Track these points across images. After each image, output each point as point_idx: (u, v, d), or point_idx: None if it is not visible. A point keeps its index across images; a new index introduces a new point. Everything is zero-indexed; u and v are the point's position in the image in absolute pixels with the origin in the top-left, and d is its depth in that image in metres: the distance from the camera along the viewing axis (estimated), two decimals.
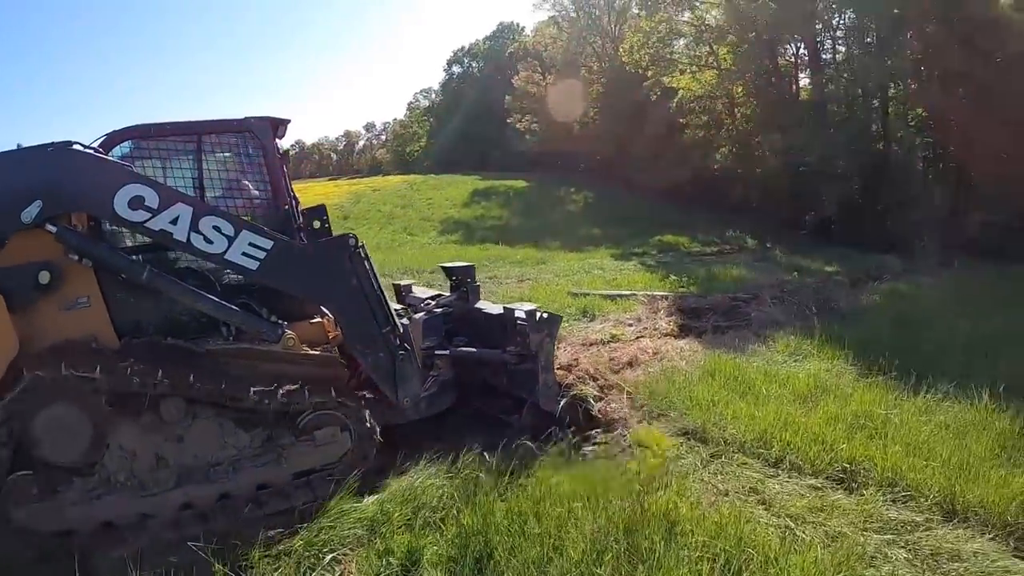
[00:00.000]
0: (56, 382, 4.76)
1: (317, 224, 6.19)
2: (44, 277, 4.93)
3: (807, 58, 33.53)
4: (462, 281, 7.70)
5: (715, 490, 5.55)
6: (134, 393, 4.99)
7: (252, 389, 5.23)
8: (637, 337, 10.40)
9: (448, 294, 7.95)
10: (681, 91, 35.39)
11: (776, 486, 5.58)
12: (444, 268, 8.23)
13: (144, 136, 5.71)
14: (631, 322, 11.48)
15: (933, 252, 21.97)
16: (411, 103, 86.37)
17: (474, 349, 7.08)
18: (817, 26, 31.83)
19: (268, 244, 5.29)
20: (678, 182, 36.58)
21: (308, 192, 46.11)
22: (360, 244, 5.75)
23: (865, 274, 18.10)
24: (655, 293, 14.10)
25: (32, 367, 4.73)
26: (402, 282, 9.07)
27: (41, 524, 4.82)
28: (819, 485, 5.59)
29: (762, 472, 5.86)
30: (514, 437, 6.27)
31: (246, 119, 5.96)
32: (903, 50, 27.72)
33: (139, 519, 5.08)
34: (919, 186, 28.59)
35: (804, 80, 34.67)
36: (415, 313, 7.40)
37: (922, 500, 5.21)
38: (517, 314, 6.78)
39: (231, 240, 5.21)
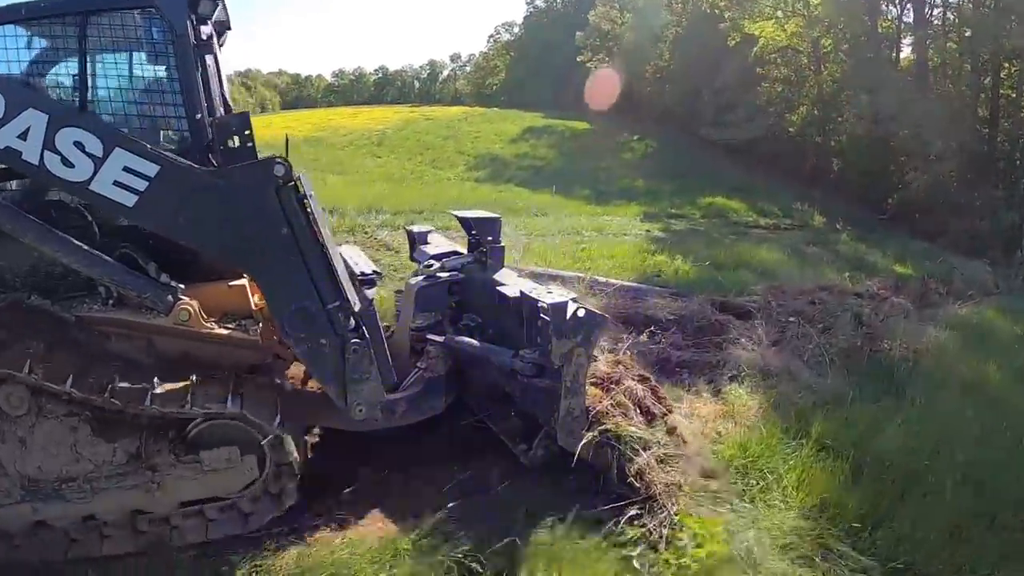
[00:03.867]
0: None
1: (235, 142, 4.29)
2: None
3: (912, 19, 28.19)
4: (481, 239, 5.78)
5: None
6: None
7: (112, 382, 3.87)
8: None
9: (463, 253, 6.09)
10: (762, 39, 30.62)
11: None
12: (459, 218, 6.18)
13: (14, 19, 4.27)
14: None
15: None
16: (493, 36, 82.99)
17: (477, 342, 5.29)
18: None
19: (152, 169, 3.86)
20: (748, 141, 31.78)
21: (359, 116, 45.20)
22: (294, 175, 4.05)
23: (943, 286, 12.73)
24: (612, 281, 9.63)
25: None
26: (416, 227, 6.94)
27: None
28: None
29: None
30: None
31: None
32: None
33: None
34: None
35: (906, 50, 29.28)
36: (417, 276, 5.83)
37: None
38: (540, 304, 4.70)
39: (99, 162, 3.82)
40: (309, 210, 4.16)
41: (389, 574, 3.96)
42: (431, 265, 5.91)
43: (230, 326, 4.53)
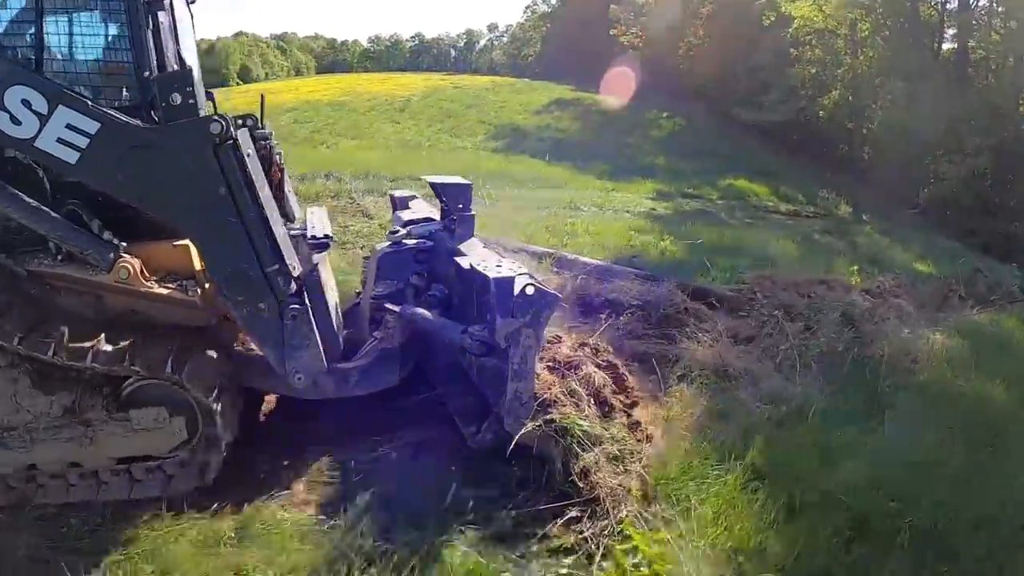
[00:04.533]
0: None
1: (176, 99, 4.02)
2: None
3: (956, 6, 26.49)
4: (451, 206, 5.60)
5: None
6: None
7: (48, 338, 3.93)
8: None
9: (435, 220, 6.07)
10: (798, 19, 29.27)
11: None
12: (431, 184, 5.93)
13: None
14: None
15: None
16: (530, 6, 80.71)
17: (430, 315, 4.90)
18: None
19: (93, 126, 3.82)
20: (779, 124, 30.48)
21: (388, 83, 44.62)
22: (232, 134, 3.94)
23: (965, 289, 11.50)
24: (582, 259, 8.72)
25: None
26: (398, 192, 7.11)
27: None
28: None
29: None
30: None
31: None
32: None
33: None
34: None
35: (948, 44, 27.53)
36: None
37: None
38: (491, 276, 4.28)
39: (43, 120, 3.79)
40: (248, 170, 4.06)
41: (289, 557, 3.77)
42: (397, 232, 5.83)
43: (171, 286, 4.46)
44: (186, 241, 4.57)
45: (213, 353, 4.37)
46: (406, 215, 6.31)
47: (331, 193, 13.34)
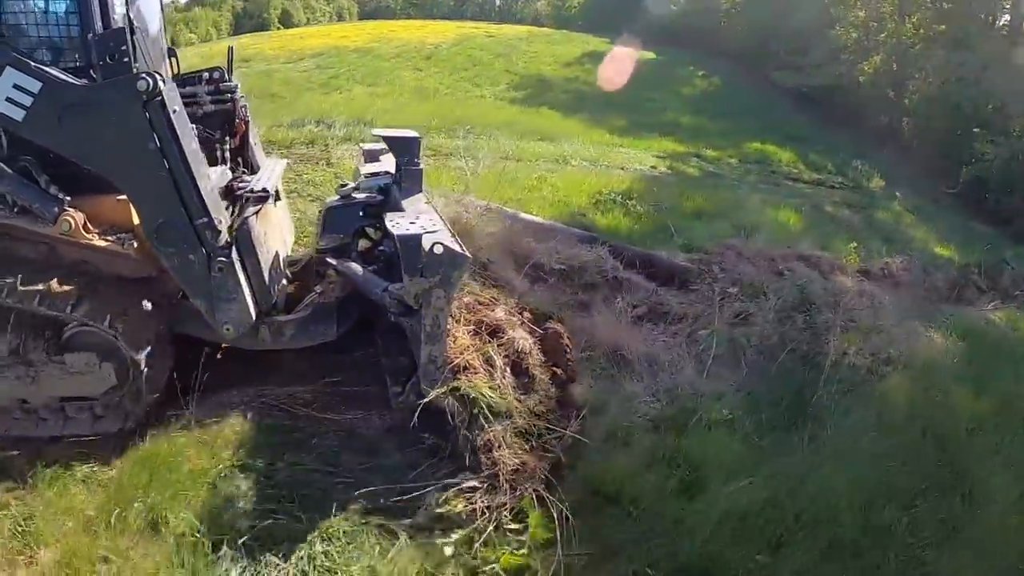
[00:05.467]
0: None
1: (112, 59, 4.23)
2: None
3: None
4: (400, 160, 5.43)
5: None
6: None
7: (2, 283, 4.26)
8: None
9: (389, 174, 5.79)
10: None
11: None
12: (382, 137, 5.77)
13: None
14: None
15: None
16: None
17: (361, 270, 5.01)
18: None
19: (35, 86, 4.14)
20: (816, 88, 28.55)
21: (420, 31, 43.11)
22: (159, 90, 4.14)
23: (988, 278, 9.96)
24: (523, 216, 7.79)
25: None
26: (368, 145, 6.87)
27: None
28: None
29: None
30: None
31: None
32: None
33: None
34: None
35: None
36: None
37: None
38: (396, 233, 4.33)
39: None
40: (176, 125, 4.23)
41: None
42: (346, 185, 5.87)
43: (110, 239, 4.60)
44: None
45: (150, 306, 4.50)
46: (369, 168, 6.19)
47: (304, 140, 12.71)
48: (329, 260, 5.28)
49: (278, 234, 5.54)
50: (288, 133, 12.87)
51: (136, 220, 4.64)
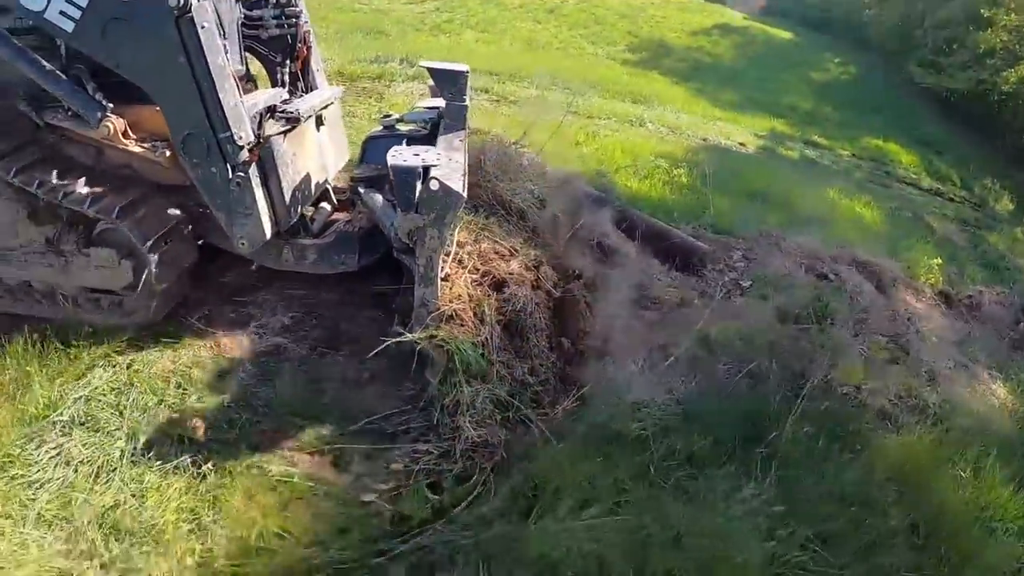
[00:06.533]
0: None
1: None
2: None
3: None
4: (444, 94, 5.08)
5: None
6: None
7: (41, 179, 4.51)
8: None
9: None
10: None
11: None
12: (428, 68, 5.20)
13: None
14: None
15: None
16: None
17: (381, 201, 4.88)
18: None
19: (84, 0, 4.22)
20: (956, 92, 25.57)
21: None
22: (189, 5, 4.17)
23: None
24: (552, 171, 6.84)
25: None
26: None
27: None
28: None
29: None
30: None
31: None
32: None
33: None
34: None
35: None
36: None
37: None
38: (390, 162, 4.00)
39: None
40: (208, 42, 4.29)
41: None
42: (389, 116, 5.81)
43: (145, 145, 4.70)
44: None
45: (166, 207, 4.76)
46: (425, 103, 6.02)
47: (375, 76, 12.35)
48: (360, 189, 5.24)
49: (316, 158, 5.51)
50: (361, 68, 12.59)
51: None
